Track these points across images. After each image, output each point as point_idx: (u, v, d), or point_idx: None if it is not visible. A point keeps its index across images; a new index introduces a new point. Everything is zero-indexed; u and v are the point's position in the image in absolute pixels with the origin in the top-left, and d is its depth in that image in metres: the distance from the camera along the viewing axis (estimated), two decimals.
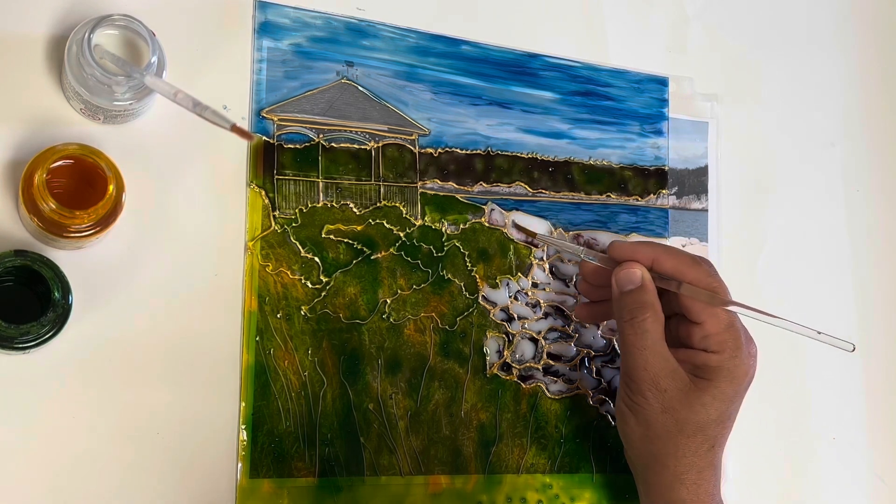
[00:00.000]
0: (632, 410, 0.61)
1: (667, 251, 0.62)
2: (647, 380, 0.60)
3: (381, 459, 0.62)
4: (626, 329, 0.61)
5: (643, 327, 0.60)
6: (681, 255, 0.62)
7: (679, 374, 0.60)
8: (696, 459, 0.61)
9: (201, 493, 0.58)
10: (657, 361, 0.60)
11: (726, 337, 0.60)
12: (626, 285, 0.62)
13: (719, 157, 0.75)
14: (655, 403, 0.60)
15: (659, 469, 0.61)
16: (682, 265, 0.61)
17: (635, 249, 0.63)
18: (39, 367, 0.55)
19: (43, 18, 0.57)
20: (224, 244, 0.60)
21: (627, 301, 0.61)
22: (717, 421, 0.61)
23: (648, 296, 0.61)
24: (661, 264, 0.62)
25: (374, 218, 0.64)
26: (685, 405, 0.60)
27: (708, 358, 0.60)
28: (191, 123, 0.54)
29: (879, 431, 0.80)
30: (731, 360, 0.60)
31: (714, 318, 0.60)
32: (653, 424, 0.61)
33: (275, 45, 0.62)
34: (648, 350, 0.60)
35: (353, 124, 0.64)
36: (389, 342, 0.63)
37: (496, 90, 0.68)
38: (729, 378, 0.60)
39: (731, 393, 0.61)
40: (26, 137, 0.56)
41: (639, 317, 0.61)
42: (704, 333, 0.61)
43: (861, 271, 0.81)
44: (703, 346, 0.61)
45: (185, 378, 0.58)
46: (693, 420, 0.60)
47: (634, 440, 0.62)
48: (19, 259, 0.52)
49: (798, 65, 0.80)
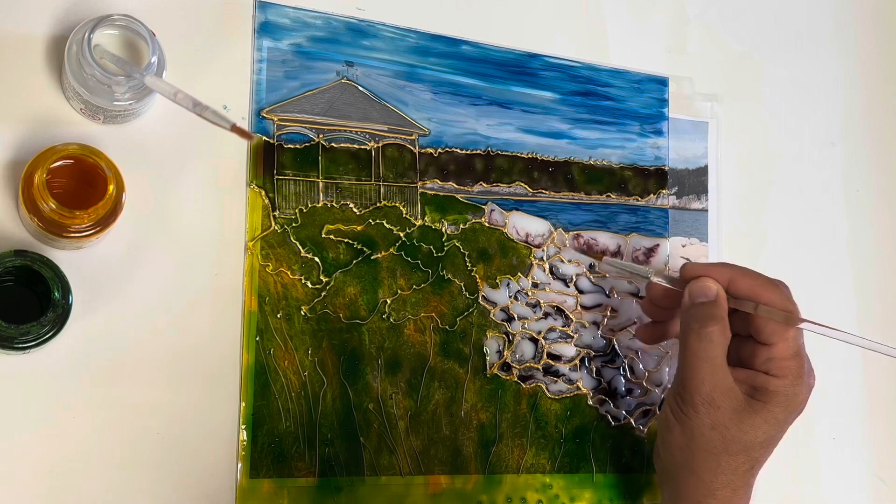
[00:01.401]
0: (679, 420, 0.61)
1: (742, 272, 0.62)
2: (703, 393, 0.59)
3: (381, 459, 0.62)
4: (692, 338, 0.60)
5: (710, 338, 0.59)
6: (757, 277, 0.61)
7: (735, 393, 0.60)
8: (734, 478, 0.60)
9: (201, 493, 0.58)
10: (716, 376, 0.59)
11: (791, 364, 0.60)
12: (699, 297, 0.61)
13: (719, 157, 0.75)
14: (706, 419, 0.60)
15: (693, 481, 0.61)
16: (759, 286, 0.61)
17: (709, 269, 0.62)
18: (39, 367, 0.55)
19: (43, 18, 0.57)
20: (224, 244, 0.60)
21: (698, 311, 0.61)
22: (763, 444, 0.61)
23: (719, 310, 0.60)
24: (736, 285, 0.61)
25: (374, 218, 0.64)
26: (735, 424, 0.59)
27: (768, 381, 0.60)
28: (191, 123, 0.54)
29: (879, 431, 0.80)
30: (791, 387, 0.60)
31: (785, 342, 0.60)
32: (698, 438, 0.60)
33: (275, 45, 0.62)
34: (710, 363, 0.59)
35: (353, 124, 0.64)
36: (389, 342, 0.63)
37: (496, 90, 0.68)
38: (784, 404, 0.60)
39: (782, 419, 0.60)
40: (26, 137, 0.56)
41: (707, 327, 0.60)
42: (770, 356, 0.60)
43: (861, 271, 0.81)
44: (766, 368, 0.60)
45: (185, 378, 0.58)
46: (741, 440, 0.60)
47: (674, 449, 0.62)
48: (19, 259, 0.52)
49: (798, 65, 0.80)
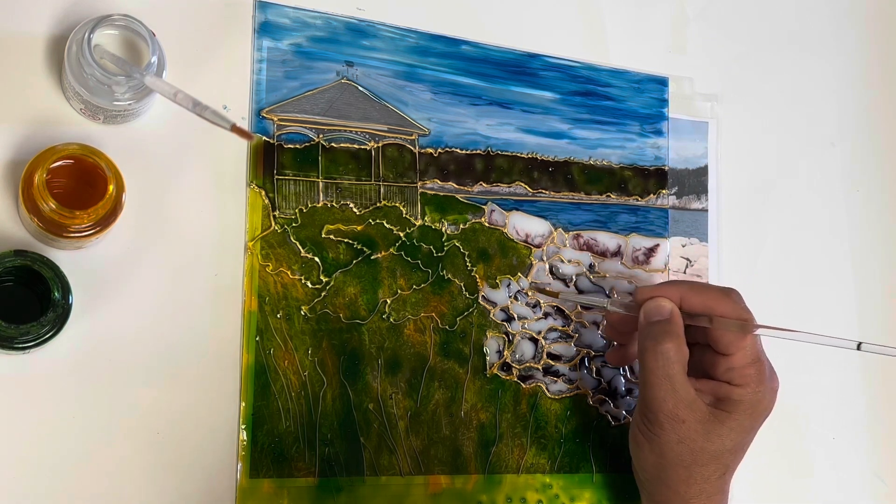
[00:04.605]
0: (647, 439, 0.61)
1: (692, 288, 0.62)
2: (666, 410, 0.59)
3: (381, 459, 0.62)
4: (649, 357, 0.60)
5: (666, 355, 0.59)
6: (708, 290, 0.62)
7: (698, 405, 0.60)
8: (707, 486, 0.61)
9: (201, 493, 0.58)
10: (677, 392, 0.59)
11: (751, 371, 0.60)
12: (654, 316, 0.61)
13: (719, 157, 0.75)
14: (672, 434, 0.60)
15: (669, 493, 0.61)
16: (711, 300, 0.61)
17: (661, 289, 0.62)
18: (39, 367, 0.55)
19: (43, 18, 0.57)
20: (224, 244, 0.60)
21: (652, 330, 0.61)
22: (732, 450, 0.61)
23: (674, 327, 0.60)
24: (689, 301, 0.61)
25: (374, 218, 0.64)
26: (702, 436, 0.60)
27: (731, 391, 0.60)
28: (191, 123, 0.54)
29: (879, 431, 0.80)
30: (753, 393, 0.60)
31: (742, 350, 0.60)
32: (667, 454, 0.60)
33: (275, 45, 0.62)
34: (669, 380, 0.59)
35: (353, 124, 0.64)
36: (389, 342, 0.63)
37: (496, 90, 0.68)
38: (749, 411, 0.60)
39: (748, 425, 0.61)
40: (26, 137, 0.56)
41: (662, 344, 0.60)
42: (729, 366, 0.60)
43: (861, 271, 0.81)
44: (727, 378, 0.60)
45: (185, 378, 0.58)
46: (709, 450, 0.60)
47: (646, 465, 0.62)
48: (19, 259, 0.52)
49: (798, 65, 0.80)
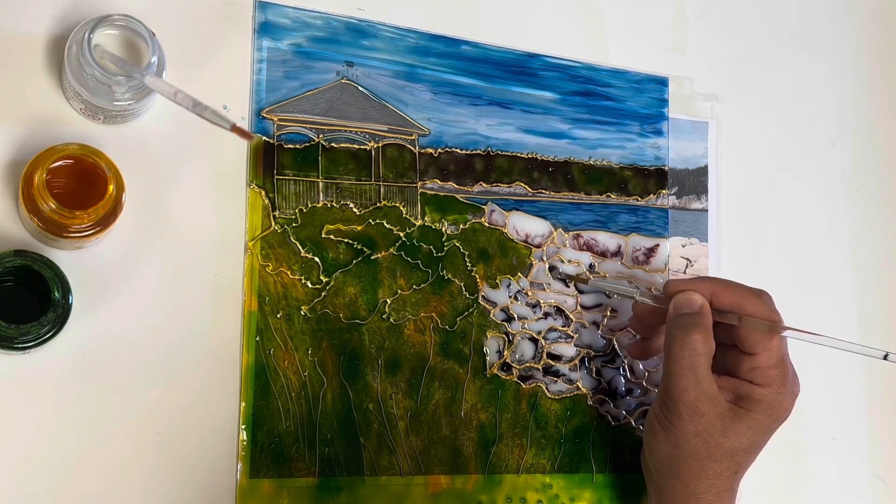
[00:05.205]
0: (663, 428, 0.61)
1: (723, 285, 0.62)
2: (687, 401, 0.60)
3: (381, 459, 0.62)
4: (675, 347, 0.60)
5: (693, 346, 0.60)
6: (739, 289, 0.62)
7: (718, 400, 0.60)
8: (718, 482, 0.61)
9: (201, 493, 0.58)
10: (700, 384, 0.60)
11: (775, 372, 0.60)
12: (684, 308, 0.61)
13: (719, 157, 0.75)
14: (690, 426, 0.60)
15: (678, 486, 0.61)
16: (741, 298, 0.61)
17: (693, 283, 0.62)
18: (39, 367, 0.55)
19: (43, 18, 0.57)
20: (224, 244, 0.60)
21: (681, 321, 0.61)
22: (747, 449, 0.61)
23: (703, 320, 0.61)
24: (719, 298, 0.61)
25: (374, 218, 0.64)
26: (719, 431, 0.60)
27: (752, 390, 0.60)
28: (191, 123, 0.54)
29: (879, 431, 0.80)
30: (775, 394, 0.60)
31: (768, 351, 0.60)
32: (682, 445, 0.60)
33: (275, 45, 0.62)
34: (693, 371, 0.60)
35: (353, 124, 0.64)
36: (389, 342, 0.63)
37: (496, 90, 0.68)
38: (769, 412, 0.60)
39: (766, 426, 0.61)
40: (26, 137, 0.56)
41: (690, 335, 0.60)
42: (754, 365, 0.60)
43: (861, 271, 0.81)
44: (750, 377, 0.60)
45: (185, 378, 0.58)
46: (725, 446, 0.60)
47: (659, 455, 0.62)
48: (19, 259, 0.52)
49: (798, 65, 0.80)
